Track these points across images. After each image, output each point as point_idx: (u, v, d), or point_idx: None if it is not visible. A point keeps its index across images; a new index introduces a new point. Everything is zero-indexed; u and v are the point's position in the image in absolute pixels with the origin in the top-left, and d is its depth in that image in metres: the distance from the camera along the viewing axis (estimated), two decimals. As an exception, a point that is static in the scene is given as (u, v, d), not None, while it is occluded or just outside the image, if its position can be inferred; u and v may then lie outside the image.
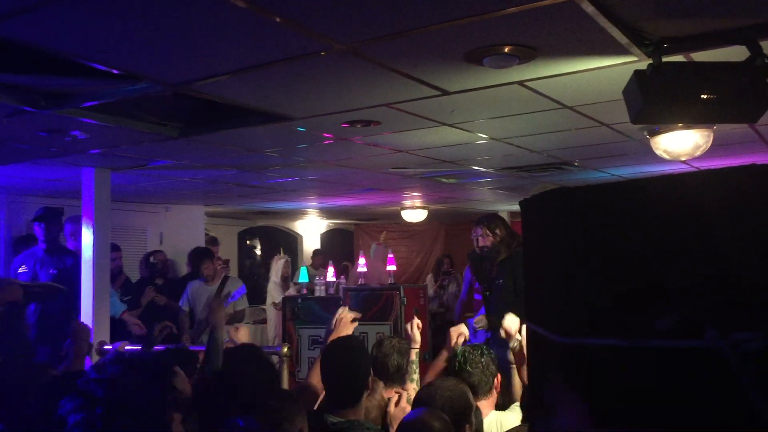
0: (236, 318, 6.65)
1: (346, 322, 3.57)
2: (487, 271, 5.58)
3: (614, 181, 5.72)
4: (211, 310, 3.60)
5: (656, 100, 2.58)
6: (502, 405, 3.55)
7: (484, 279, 5.56)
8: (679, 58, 2.80)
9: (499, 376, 3.48)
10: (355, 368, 2.86)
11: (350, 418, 2.73)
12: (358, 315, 3.69)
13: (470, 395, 2.98)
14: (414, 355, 3.57)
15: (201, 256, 7.02)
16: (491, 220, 5.62)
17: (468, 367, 3.36)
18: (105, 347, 4.78)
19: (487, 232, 5.54)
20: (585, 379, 1.28)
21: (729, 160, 5.80)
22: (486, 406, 3.34)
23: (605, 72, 3.06)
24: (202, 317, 6.62)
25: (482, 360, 3.40)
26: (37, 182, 6.22)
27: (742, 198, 1.18)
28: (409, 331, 3.68)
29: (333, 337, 3.42)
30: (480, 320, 5.46)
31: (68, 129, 3.97)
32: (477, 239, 5.61)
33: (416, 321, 3.75)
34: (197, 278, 6.99)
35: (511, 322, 3.75)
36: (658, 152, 4.39)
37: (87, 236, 5.37)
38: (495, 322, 5.40)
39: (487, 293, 5.60)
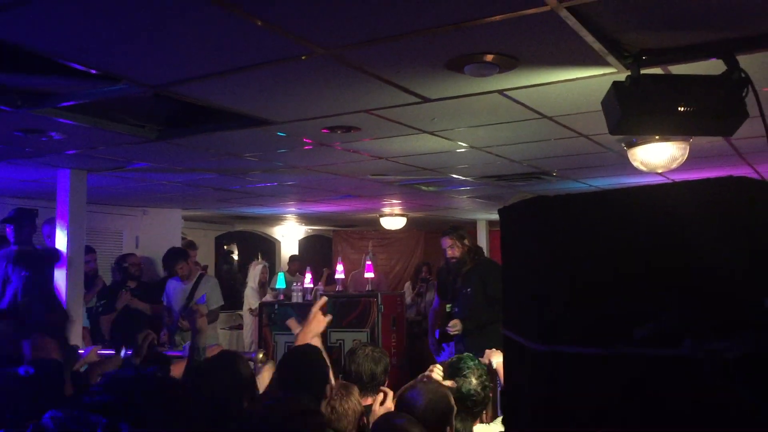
0: (210, 318, 6.62)
1: (320, 318, 3.52)
2: (451, 284, 5.63)
3: (592, 190, 5.78)
4: (191, 316, 3.53)
5: (634, 111, 2.60)
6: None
7: (447, 293, 5.66)
8: (657, 70, 2.84)
9: None
10: (309, 378, 2.85)
11: None
12: (329, 317, 3.63)
13: (452, 398, 2.97)
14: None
15: (175, 256, 7.08)
16: (458, 230, 5.72)
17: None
18: (79, 351, 4.72)
19: (457, 242, 5.63)
20: (561, 387, 1.28)
21: (705, 173, 5.88)
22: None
23: (584, 83, 3.08)
24: (177, 316, 6.68)
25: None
26: (12, 183, 6.13)
27: (719, 209, 1.19)
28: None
29: (304, 330, 3.40)
30: (455, 324, 5.45)
31: (44, 129, 3.91)
32: (446, 250, 5.67)
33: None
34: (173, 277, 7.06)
35: (499, 358, 3.68)
36: (635, 164, 4.43)
37: (61, 238, 5.30)
38: (468, 326, 5.42)
39: (452, 306, 5.67)
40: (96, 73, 2.89)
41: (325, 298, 3.62)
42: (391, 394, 3.19)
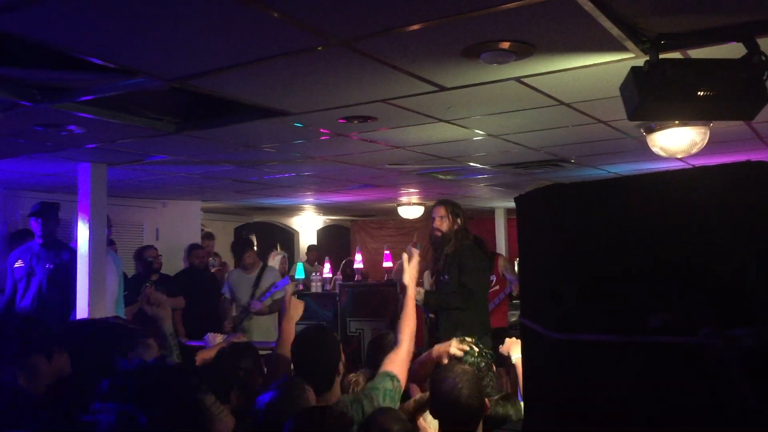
0: (274, 308, 6.71)
1: (296, 303, 3.51)
2: (433, 263, 5.04)
3: (609, 177, 5.74)
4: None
5: (653, 96, 2.58)
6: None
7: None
8: (676, 54, 2.80)
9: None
10: (327, 356, 2.88)
11: (328, 402, 2.78)
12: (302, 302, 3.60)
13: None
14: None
15: (243, 245, 7.24)
16: (456, 205, 5.10)
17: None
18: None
19: (449, 216, 5.02)
20: (578, 375, 1.28)
21: (725, 158, 5.81)
22: None
23: (602, 68, 3.06)
24: (244, 304, 6.84)
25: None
26: (34, 177, 6.20)
27: (736, 194, 1.18)
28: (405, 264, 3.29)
29: (286, 317, 3.43)
30: (419, 292, 4.92)
31: (64, 123, 3.95)
32: (435, 219, 5.05)
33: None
34: (236, 267, 7.33)
35: (518, 353, 3.64)
36: (655, 149, 4.39)
37: (83, 231, 5.36)
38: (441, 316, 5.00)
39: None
40: (114, 68, 2.91)
41: (292, 284, 3.64)
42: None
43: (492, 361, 3.25)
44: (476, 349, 3.22)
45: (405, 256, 3.40)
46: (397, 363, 2.96)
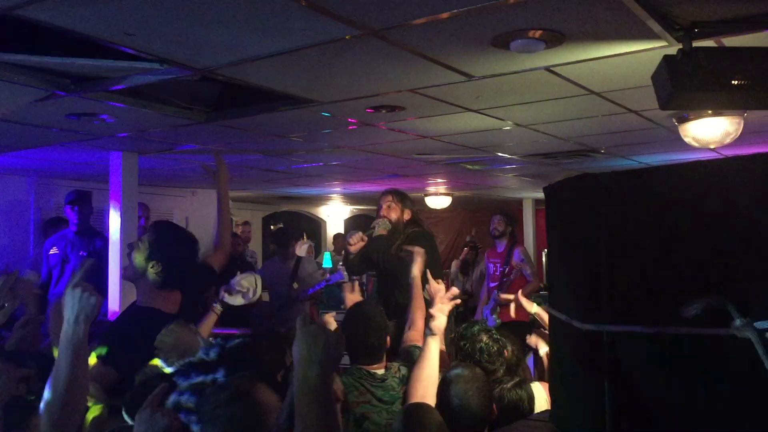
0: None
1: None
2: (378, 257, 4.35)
3: (642, 167, 5.66)
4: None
5: (686, 85, 2.54)
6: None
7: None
8: (709, 43, 2.75)
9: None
10: (379, 328, 3.16)
11: (385, 366, 3.14)
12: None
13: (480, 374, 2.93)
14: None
15: (289, 235, 7.28)
16: (403, 195, 4.64)
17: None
18: None
19: (395, 204, 4.54)
20: (608, 366, 1.28)
21: (759, 148, 5.70)
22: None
23: (634, 57, 3.01)
24: (279, 297, 6.90)
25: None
26: (66, 165, 6.31)
27: (772, 185, 1.16)
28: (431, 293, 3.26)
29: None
30: (494, 309, 5.27)
31: (96, 112, 4.01)
32: (382, 207, 4.56)
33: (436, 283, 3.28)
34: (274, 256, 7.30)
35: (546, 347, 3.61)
36: (687, 139, 4.32)
37: (114, 219, 5.44)
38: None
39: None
40: (145, 57, 2.94)
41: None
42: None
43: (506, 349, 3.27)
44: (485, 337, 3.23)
45: (417, 250, 3.67)
46: (418, 337, 3.30)
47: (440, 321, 3.02)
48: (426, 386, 2.88)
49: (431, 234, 5.11)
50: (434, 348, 2.95)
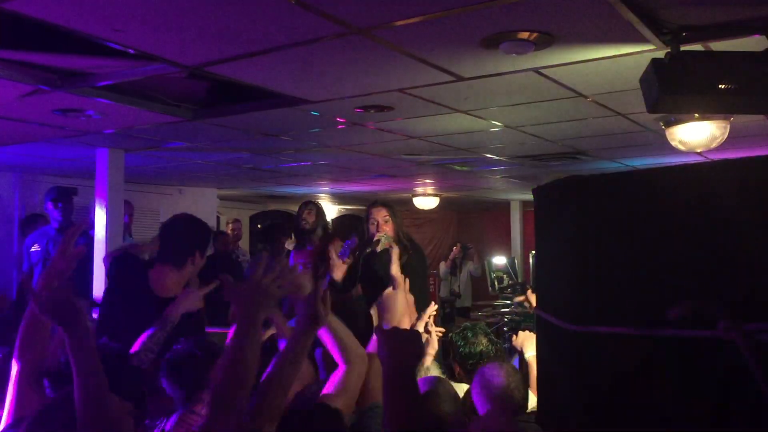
0: None
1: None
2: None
3: (630, 170, 5.69)
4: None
5: (673, 89, 2.55)
6: None
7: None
8: (697, 47, 2.77)
9: None
10: None
11: None
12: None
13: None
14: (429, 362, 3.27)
15: (280, 232, 7.22)
16: (395, 208, 4.41)
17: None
18: None
19: (392, 219, 4.31)
20: (595, 367, 1.28)
21: (745, 153, 5.74)
22: None
23: (622, 60, 3.03)
24: None
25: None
26: (52, 162, 6.26)
27: (760, 188, 1.16)
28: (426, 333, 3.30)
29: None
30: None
31: (83, 108, 3.98)
32: (377, 223, 4.26)
33: (429, 320, 3.32)
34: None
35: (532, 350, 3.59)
36: (674, 143, 4.35)
37: (100, 216, 5.40)
38: None
39: None
40: (133, 53, 2.92)
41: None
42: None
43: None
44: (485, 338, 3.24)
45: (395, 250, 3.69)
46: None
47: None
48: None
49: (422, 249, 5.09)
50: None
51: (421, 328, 3.27)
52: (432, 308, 3.45)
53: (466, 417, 2.74)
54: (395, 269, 3.55)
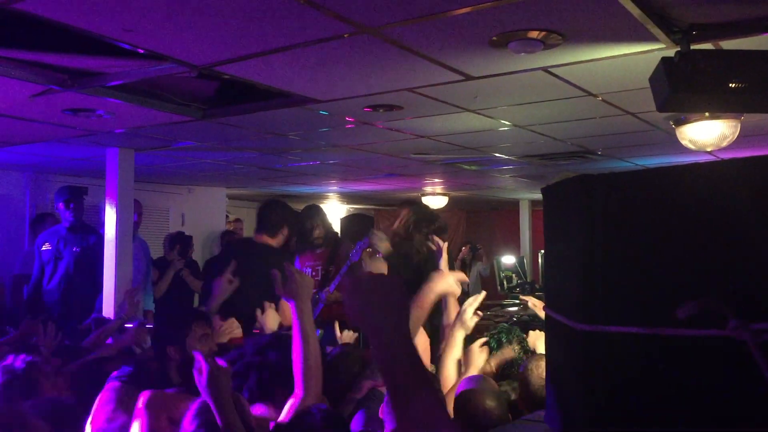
0: None
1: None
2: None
3: (638, 169, 5.63)
4: None
5: (683, 88, 2.54)
6: None
7: None
8: (707, 45, 2.76)
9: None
10: None
11: None
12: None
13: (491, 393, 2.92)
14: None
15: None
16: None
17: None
18: (126, 325, 4.83)
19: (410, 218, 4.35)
20: (604, 367, 1.28)
21: (756, 152, 5.71)
22: None
23: (632, 59, 3.02)
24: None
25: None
26: (62, 161, 6.29)
27: (769, 187, 1.16)
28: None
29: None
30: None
31: (93, 108, 4.00)
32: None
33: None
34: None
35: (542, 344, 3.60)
36: (684, 142, 4.33)
37: (110, 216, 5.42)
38: None
39: None
40: (143, 53, 2.93)
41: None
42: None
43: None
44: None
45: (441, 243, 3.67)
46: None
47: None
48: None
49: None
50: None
51: (470, 312, 3.29)
52: (482, 295, 3.48)
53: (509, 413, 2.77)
54: (443, 264, 3.56)
